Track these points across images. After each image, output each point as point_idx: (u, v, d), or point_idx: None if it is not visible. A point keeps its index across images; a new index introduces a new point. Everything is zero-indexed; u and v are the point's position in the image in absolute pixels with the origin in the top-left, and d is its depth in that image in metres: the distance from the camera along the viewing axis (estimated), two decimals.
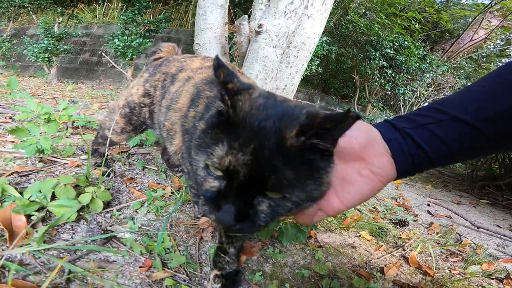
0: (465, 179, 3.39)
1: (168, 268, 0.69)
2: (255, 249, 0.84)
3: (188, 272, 0.71)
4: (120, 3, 6.46)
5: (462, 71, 4.76)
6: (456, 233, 1.45)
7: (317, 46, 1.50)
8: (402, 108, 5.29)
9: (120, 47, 4.03)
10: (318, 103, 4.65)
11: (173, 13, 6.34)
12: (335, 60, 4.89)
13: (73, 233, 0.73)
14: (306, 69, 2.05)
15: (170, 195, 1.02)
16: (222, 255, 0.71)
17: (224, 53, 1.44)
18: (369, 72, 4.26)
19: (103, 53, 4.94)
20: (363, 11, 4.86)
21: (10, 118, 1.60)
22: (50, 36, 4.51)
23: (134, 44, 4.08)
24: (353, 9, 4.70)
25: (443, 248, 1.21)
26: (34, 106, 1.33)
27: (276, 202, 0.45)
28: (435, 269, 1.01)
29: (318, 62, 3.87)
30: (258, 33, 1.27)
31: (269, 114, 0.45)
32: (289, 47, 1.41)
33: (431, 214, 1.74)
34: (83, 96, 3.03)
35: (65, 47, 4.65)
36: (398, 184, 2.37)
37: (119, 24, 4.26)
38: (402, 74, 4.09)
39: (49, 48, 4.42)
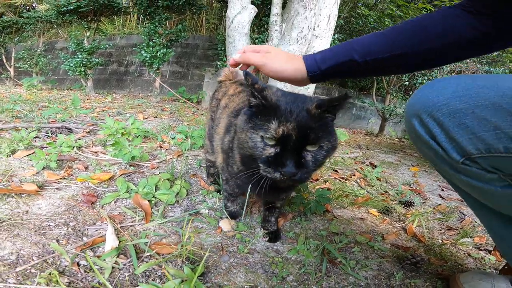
0: None
1: (235, 230, 1.09)
2: (288, 217, 1.23)
3: (247, 232, 1.10)
4: (136, 14, 6.88)
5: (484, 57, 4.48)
6: (460, 211, 1.60)
7: (330, 44, 1.77)
8: None
9: (147, 58, 4.47)
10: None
11: (188, 20, 6.73)
12: None
13: (174, 212, 1.14)
14: None
15: None
16: (266, 221, 1.09)
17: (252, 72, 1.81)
18: None
19: (156, 75, 5.31)
20: (374, 1, 4.93)
21: (87, 132, 2.05)
22: (82, 50, 4.97)
23: (159, 55, 4.50)
24: (363, 1, 4.81)
25: (443, 223, 1.38)
26: (112, 123, 1.76)
27: (316, 153, 0.68)
28: (430, 239, 1.23)
29: None
30: None
31: (291, 98, 0.68)
32: None
33: (442, 198, 1.86)
34: (124, 106, 3.49)
35: (97, 60, 5.13)
36: (416, 171, 2.52)
37: (142, 36, 4.66)
38: None
39: (84, 62, 4.90)
